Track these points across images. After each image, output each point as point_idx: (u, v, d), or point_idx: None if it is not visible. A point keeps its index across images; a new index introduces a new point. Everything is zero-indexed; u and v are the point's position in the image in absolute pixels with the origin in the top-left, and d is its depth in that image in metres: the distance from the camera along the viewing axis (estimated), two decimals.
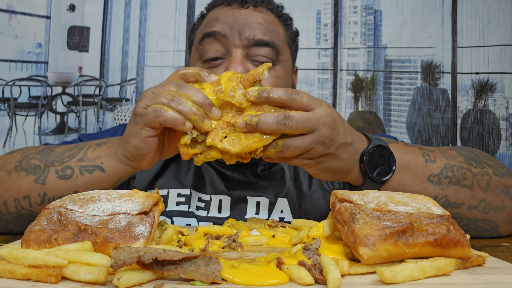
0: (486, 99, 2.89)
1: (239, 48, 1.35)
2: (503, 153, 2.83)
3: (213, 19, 1.42)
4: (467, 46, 2.95)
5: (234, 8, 1.42)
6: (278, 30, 1.46)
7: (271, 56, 1.38)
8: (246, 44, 1.36)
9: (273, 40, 1.40)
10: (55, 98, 2.99)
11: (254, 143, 0.95)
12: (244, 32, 1.36)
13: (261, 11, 1.44)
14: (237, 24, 1.37)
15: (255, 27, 1.38)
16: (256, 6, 1.44)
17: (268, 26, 1.42)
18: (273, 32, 1.42)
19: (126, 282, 0.68)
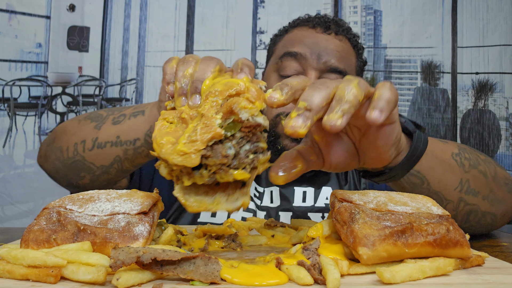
0: (486, 99, 2.89)
1: (315, 70, 1.46)
2: (503, 153, 2.83)
3: (296, 39, 1.52)
4: (467, 46, 2.95)
5: (318, 32, 1.53)
6: (352, 59, 1.56)
7: None
8: (322, 68, 1.46)
9: (346, 68, 1.50)
10: (55, 98, 2.99)
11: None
12: (322, 57, 1.47)
13: (340, 39, 1.54)
14: (317, 48, 1.48)
15: (333, 54, 1.48)
16: (337, 34, 1.54)
17: (344, 55, 1.52)
18: (347, 61, 1.52)
19: (125, 282, 0.68)
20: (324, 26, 1.54)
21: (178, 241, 0.98)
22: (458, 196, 1.10)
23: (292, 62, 1.48)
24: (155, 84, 3.06)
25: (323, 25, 1.54)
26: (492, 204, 1.17)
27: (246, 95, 0.81)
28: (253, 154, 0.82)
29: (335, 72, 1.47)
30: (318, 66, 1.46)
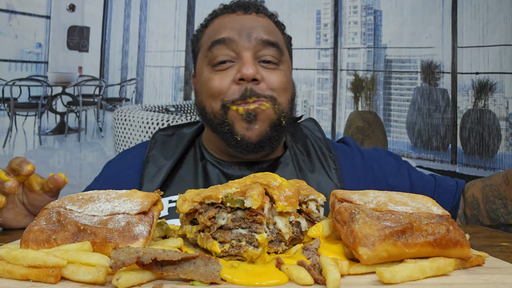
0: (486, 99, 2.89)
1: (249, 50, 1.43)
2: (503, 153, 2.83)
3: (220, 27, 1.49)
4: (467, 46, 2.95)
5: (238, 14, 1.51)
6: (278, 33, 1.55)
7: (276, 56, 1.46)
8: (255, 45, 1.43)
9: (278, 41, 1.48)
10: (55, 98, 2.99)
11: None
12: (252, 34, 1.44)
13: (262, 17, 1.53)
14: (244, 28, 1.45)
15: (261, 29, 1.46)
16: (258, 13, 1.53)
17: (270, 29, 1.51)
18: (276, 35, 1.51)
19: (125, 283, 0.68)
20: (243, 8, 1.52)
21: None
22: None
23: (223, 49, 1.44)
24: (155, 84, 3.07)
25: (242, 7, 1.52)
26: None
27: (275, 191, 0.85)
28: (247, 243, 0.82)
29: (269, 44, 1.45)
30: (250, 45, 1.43)
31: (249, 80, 1.39)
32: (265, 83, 1.42)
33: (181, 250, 0.84)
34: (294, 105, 1.55)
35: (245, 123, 1.39)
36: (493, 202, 1.50)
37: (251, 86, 1.39)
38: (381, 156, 1.68)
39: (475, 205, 1.56)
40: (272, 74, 1.44)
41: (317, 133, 1.67)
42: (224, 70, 1.44)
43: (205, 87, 1.46)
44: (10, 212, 1.28)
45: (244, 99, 1.38)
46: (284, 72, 1.48)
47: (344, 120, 3.08)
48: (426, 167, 2.99)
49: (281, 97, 1.44)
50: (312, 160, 1.56)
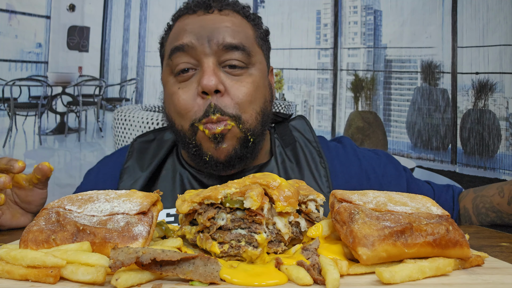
0: (486, 99, 2.89)
1: (209, 56, 1.30)
2: (503, 153, 2.83)
3: (180, 31, 1.36)
4: (467, 46, 2.95)
5: (199, 15, 1.37)
6: (247, 31, 1.39)
7: (242, 60, 1.33)
8: (216, 50, 1.30)
9: (243, 42, 1.34)
10: (55, 98, 2.99)
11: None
12: (212, 38, 1.30)
13: (227, 14, 1.38)
14: (204, 31, 1.31)
15: (223, 31, 1.32)
16: (221, 10, 1.38)
17: (237, 29, 1.35)
18: (242, 34, 1.36)
19: (124, 283, 0.68)
20: (203, 6, 1.37)
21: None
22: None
23: (183, 57, 1.32)
24: (155, 84, 3.07)
25: (203, 6, 1.37)
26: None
27: (274, 191, 0.85)
28: (246, 243, 0.82)
29: (232, 49, 1.30)
30: (211, 50, 1.29)
31: (211, 93, 1.27)
32: (229, 95, 1.29)
33: (181, 250, 0.84)
34: (267, 113, 1.40)
35: (212, 143, 1.29)
36: (486, 214, 1.46)
37: (214, 102, 1.27)
38: (381, 165, 1.55)
39: (467, 217, 1.53)
40: (236, 84, 1.31)
41: (308, 135, 1.54)
42: (186, 80, 1.33)
43: (171, 102, 1.35)
44: (6, 213, 1.28)
45: (208, 116, 1.27)
46: (252, 78, 1.34)
47: (344, 120, 3.08)
48: (426, 167, 2.99)
49: (246, 113, 1.30)
50: (301, 168, 1.46)
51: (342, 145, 1.60)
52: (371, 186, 1.50)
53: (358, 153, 1.57)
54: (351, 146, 1.59)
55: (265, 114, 1.38)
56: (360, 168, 1.53)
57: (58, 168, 2.90)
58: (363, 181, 1.50)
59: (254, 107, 1.33)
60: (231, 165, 1.33)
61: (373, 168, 1.54)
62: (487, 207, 1.45)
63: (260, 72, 1.38)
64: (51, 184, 1.51)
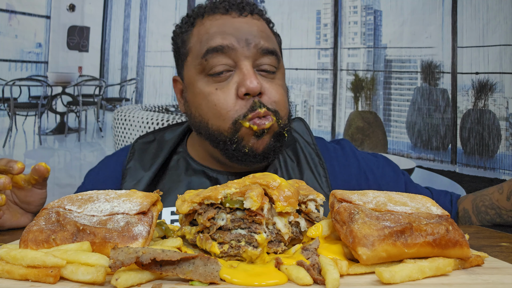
0: (486, 99, 2.89)
1: (248, 59, 1.32)
2: (503, 153, 2.83)
3: (214, 31, 1.35)
4: (467, 46, 2.95)
5: (233, 16, 1.37)
6: (273, 37, 1.44)
7: (274, 64, 1.37)
8: (254, 53, 1.33)
9: (275, 48, 1.39)
10: (55, 98, 2.99)
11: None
12: (251, 42, 1.33)
13: (258, 19, 1.41)
14: (242, 34, 1.33)
15: (259, 35, 1.35)
16: (252, 14, 1.40)
17: (269, 34, 1.40)
18: (272, 40, 1.41)
19: (124, 283, 0.68)
20: (237, 8, 1.38)
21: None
22: None
23: (220, 58, 1.32)
24: (155, 84, 3.07)
25: (236, 8, 1.38)
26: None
27: (274, 191, 0.85)
28: (246, 243, 0.82)
29: (269, 53, 1.35)
30: (250, 53, 1.32)
31: (255, 94, 1.31)
32: (267, 95, 1.34)
33: (180, 250, 0.84)
34: (291, 114, 1.47)
35: (254, 136, 1.33)
36: (486, 212, 1.47)
37: (258, 99, 1.31)
38: (379, 166, 1.59)
39: (467, 218, 1.53)
40: (272, 86, 1.36)
41: (307, 137, 1.57)
42: (222, 81, 1.34)
43: (206, 103, 1.35)
44: (6, 213, 1.28)
45: (255, 110, 1.30)
46: (280, 81, 1.41)
47: (344, 120, 3.08)
48: (426, 167, 2.99)
49: (282, 111, 1.36)
50: (301, 168, 1.49)
51: (341, 146, 1.62)
52: (369, 186, 1.52)
53: (357, 155, 1.60)
54: (350, 148, 1.62)
55: (290, 114, 1.45)
56: (359, 169, 1.55)
57: (58, 168, 2.90)
58: (361, 182, 1.53)
59: (286, 106, 1.41)
60: (265, 158, 1.37)
61: (371, 169, 1.56)
62: (487, 205, 1.47)
63: (283, 76, 1.46)
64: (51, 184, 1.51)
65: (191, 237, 0.88)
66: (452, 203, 1.58)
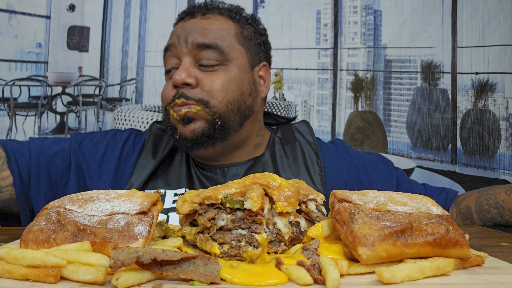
0: (486, 99, 2.89)
1: (186, 55, 1.47)
2: (503, 153, 2.83)
3: (170, 35, 1.55)
4: (467, 46, 2.95)
5: (186, 20, 1.53)
6: (228, 30, 1.52)
7: (216, 58, 1.47)
8: (191, 49, 1.46)
9: (216, 41, 1.47)
10: (55, 98, 2.99)
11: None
12: (188, 39, 1.47)
13: (208, 18, 1.53)
14: (183, 33, 1.49)
15: (199, 32, 1.48)
16: (204, 14, 1.53)
17: (213, 29, 1.50)
18: (218, 34, 1.50)
19: (124, 282, 0.68)
20: (190, 13, 1.54)
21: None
22: None
23: (170, 57, 1.50)
24: (155, 84, 3.07)
25: (189, 13, 1.55)
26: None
27: (274, 191, 0.85)
28: (246, 243, 0.82)
29: (205, 47, 1.46)
30: (187, 50, 1.46)
31: (180, 85, 1.43)
32: (199, 86, 1.45)
33: (181, 250, 0.84)
34: (243, 105, 1.50)
35: (181, 124, 1.45)
36: (488, 211, 1.48)
37: (182, 90, 1.44)
38: (371, 162, 1.64)
39: (468, 215, 1.54)
40: (208, 76, 1.46)
41: (308, 137, 1.65)
42: (171, 77, 1.49)
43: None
44: None
45: (173, 100, 1.44)
46: (227, 72, 1.47)
47: (344, 120, 3.08)
48: (426, 167, 2.99)
49: (215, 99, 1.44)
50: (297, 164, 1.56)
51: (335, 145, 1.69)
52: (360, 181, 1.58)
53: (350, 152, 1.66)
54: (343, 146, 1.69)
55: (241, 106, 1.50)
56: (351, 164, 1.61)
57: None
58: (352, 176, 1.58)
59: (225, 95, 1.46)
60: (199, 143, 1.46)
61: (363, 164, 1.62)
62: (490, 203, 1.49)
63: (238, 68, 1.51)
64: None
65: (191, 238, 0.88)
66: (446, 200, 1.60)
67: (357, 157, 1.64)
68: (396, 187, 1.60)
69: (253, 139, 1.59)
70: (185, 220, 0.91)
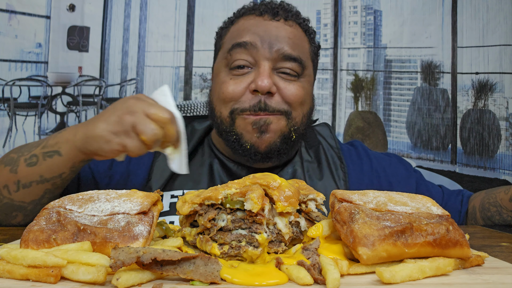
0: (486, 99, 2.89)
1: (268, 60, 1.37)
2: (503, 153, 2.83)
3: (244, 29, 1.43)
4: (467, 46, 2.95)
5: (265, 19, 1.44)
6: (305, 45, 1.48)
7: (296, 70, 1.40)
8: (275, 57, 1.38)
9: (300, 55, 1.41)
10: (55, 98, 2.99)
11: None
12: (274, 45, 1.38)
13: (291, 25, 1.45)
14: (268, 36, 1.39)
15: (285, 41, 1.40)
16: (286, 19, 1.45)
17: (297, 41, 1.43)
18: (300, 48, 1.44)
19: (125, 282, 0.68)
20: (271, 12, 1.44)
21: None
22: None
23: (242, 53, 1.39)
24: (155, 84, 3.07)
25: (271, 12, 1.44)
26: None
27: (275, 191, 0.85)
28: (247, 243, 0.82)
29: (289, 59, 1.39)
30: (270, 55, 1.37)
31: (263, 93, 1.35)
32: (280, 95, 1.37)
33: (181, 249, 0.84)
34: (310, 120, 1.49)
35: (256, 131, 1.36)
36: (488, 209, 1.49)
37: (265, 99, 1.35)
38: (391, 165, 1.62)
39: (473, 214, 1.56)
40: (289, 85, 1.39)
41: (331, 141, 1.62)
42: (240, 75, 1.40)
43: (218, 90, 1.42)
44: None
45: (255, 112, 1.35)
46: (303, 84, 1.42)
47: (344, 120, 3.08)
48: (426, 167, 2.99)
49: (295, 111, 1.39)
50: (322, 168, 1.53)
51: (354, 147, 1.67)
52: (380, 184, 1.56)
53: (370, 154, 1.64)
54: (362, 148, 1.67)
55: (309, 120, 1.48)
56: (371, 167, 1.59)
57: None
58: (374, 180, 1.56)
59: (303, 109, 1.42)
60: (268, 157, 1.40)
61: (383, 167, 1.60)
62: (490, 202, 1.50)
63: (308, 83, 1.47)
64: None
65: (191, 239, 0.88)
66: (462, 203, 1.61)
67: (376, 160, 1.62)
68: (415, 190, 1.57)
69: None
70: (186, 221, 0.91)
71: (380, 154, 1.67)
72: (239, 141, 1.38)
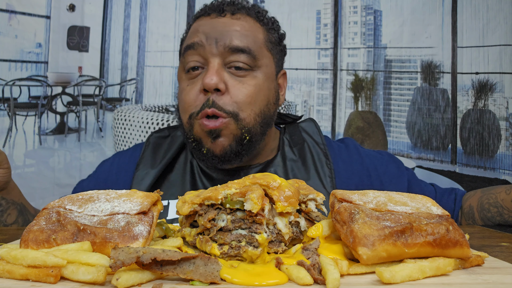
0: (486, 99, 2.89)
1: (216, 56, 1.38)
2: (503, 153, 2.83)
3: (194, 31, 1.45)
4: (467, 46, 2.95)
5: (212, 17, 1.45)
6: (257, 35, 1.45)
7: (248, 62, 1.39)
8: (222, 51, 1.38)
9: (249, 46, 1.40)
10: (55, 98, 2.99)
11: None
12: (219, 40, 1.38)
13: (238, 18, 1.45)
14: (213, 33, 1.40)
15: (231, 34, 1.40)
16: (234, 14, 1.45)
17: (245, 33, 1.42)
18: (250, 38, 1.42)
19: (125, 282, 0.68)
20: (217, 10, 1.45)
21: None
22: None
23: (193, 55, 1.41)
24: (155, 84, 3.07)
25: (217, 10, 1.46)
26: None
27: (274, 191, 0.85)
28: (246, 243, 0.82)
29: (238, 51, 1.38)
30: (217, 51, 1.38)
31: (211, 91, 1.35)
32: (229, 94, 1.37)
33: (181, 249, 0.84)
34: (268, 115, 1.46)
35: (209, 137, 1.38)
36: (488, 210, 1.48)
37: (213, 98, 1.35)
38: (383, 163, 1.60)
39: (470, 214, 1.54)
40: (238, 85, 1.38)
41: (316, 137, 1.59)
42: (194, 78, 1.41)
43: (179, 98, 1.46)
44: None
45: (203, 109, 1.35)
46: (255, 80, 1.40)
47: (344, 120, 3.08)
48: (426, 167, 2.99)
49: (244, 112, 1.37)
50: (307, 167, 1.51)
51: (345, 145, 1.64)
52: (371, 183, 1.54)
53: (361, 152, 1.61)
54: (354, 146, 1.64)
55: (266, 116, 1.45)
56: (362, 165, 1.56)
57: (58, 168, 2.90)
58: (364, 178, 1.54)
59: (253, 108, 1.40)
60: (226, 160, 1.40)
61: (374, 165, 1.58)
62: (491, 202, 1.49)
63: (265, 75, 1.44)
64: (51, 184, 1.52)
65: (191, 239, 0.88)
66: (455, 202, 1.59)
67: (368, 158, 1.59)
68: (407, 189, 1.56)
69: (270, 144, 1.55)
70: (185, 221, 0.91)
71: (372, 152, 1.65)
72: (198, 146, 1.40)
